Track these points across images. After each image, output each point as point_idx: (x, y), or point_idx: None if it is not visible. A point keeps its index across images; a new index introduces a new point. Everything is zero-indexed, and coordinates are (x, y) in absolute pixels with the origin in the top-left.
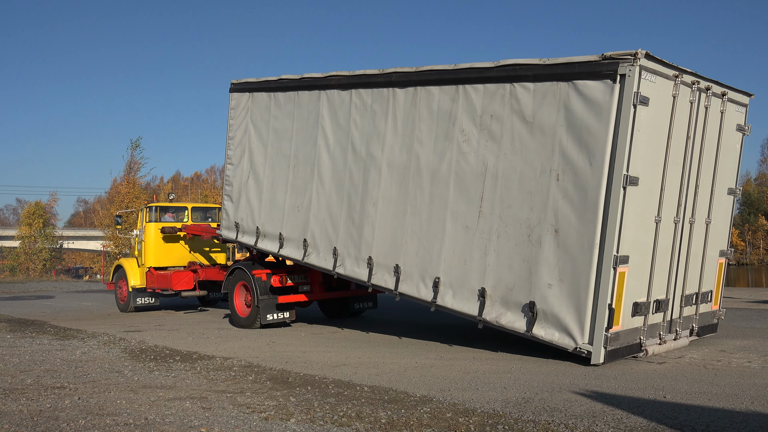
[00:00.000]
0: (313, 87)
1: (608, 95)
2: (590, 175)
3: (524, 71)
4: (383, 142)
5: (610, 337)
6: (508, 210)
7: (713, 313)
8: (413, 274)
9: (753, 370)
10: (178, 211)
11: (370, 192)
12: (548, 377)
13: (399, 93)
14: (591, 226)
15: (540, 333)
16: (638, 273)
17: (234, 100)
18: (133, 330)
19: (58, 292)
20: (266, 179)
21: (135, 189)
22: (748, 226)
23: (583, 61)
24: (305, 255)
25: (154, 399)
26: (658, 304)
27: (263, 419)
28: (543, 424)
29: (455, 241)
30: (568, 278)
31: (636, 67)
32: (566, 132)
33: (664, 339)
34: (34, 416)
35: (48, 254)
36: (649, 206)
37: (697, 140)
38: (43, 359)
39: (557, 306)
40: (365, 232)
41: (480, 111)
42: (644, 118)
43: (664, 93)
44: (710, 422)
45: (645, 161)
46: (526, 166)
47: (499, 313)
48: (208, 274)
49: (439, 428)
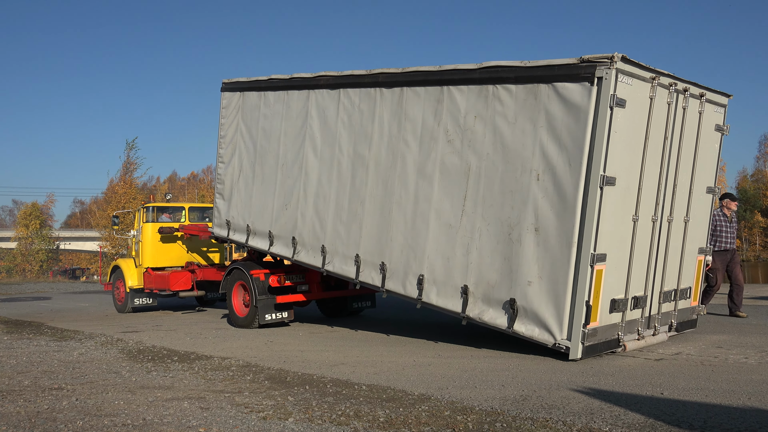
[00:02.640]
0: (302, 87)
1: (586, 97)
2: (569, 175)
3: (506, 73)
4: (370, 141)
5: (588, 333)
6: (490, 209)
7: (692, 308)
8: (399, 271)
9: (750, 366)
10: (175, 212)
11: (357, 191)
12: (546, 375)
13: (386, 93)
14: (569, 225)
15: (521, 329)
16: (616, 270)
17: (225, 99)
18: (131, 330)
19: (55, 293)
20: (256, 177)
21: (132, 189)
22: (744, 223)
23: (562, 63)
24: (294, 253)
25: (152, 399)
26: (636, 300)
27: (261, 419)
28: (541, 422)
29: (439, 239)
30: (548, 276)
31: (612, 70)
32: (546, 133)
33: (643, 334)
34: (31, 417)
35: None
36: (626, 205)
37: (675, 141)
38: (41, 360)
39: (537, 303)
40: (353, 231)
41: (464, 112)
42: (621, 119)
43: (641, 95)
44: (708, 418)
45: (622, 162)
46: (507, 165)
47: (481, 309)
48: (206, 274)
49: (437, 426)
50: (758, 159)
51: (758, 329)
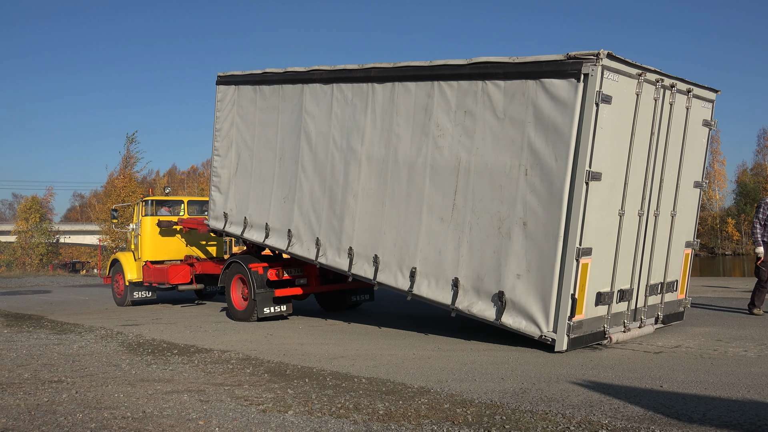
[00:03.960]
0: (296, 81)
1: (572, 93)
2: (556, 170)
3: (495, 69)
4: (363, 135)
5: (573, 325)
6: (480, 203)
7: (679, 301)
8: (391, 264)
9: (749, 359)
10: (174, 205)
11: (350, 184)
12: (545, 368)
13: (378, 88)
14: (556, 220)
15: (508, 321)
16: (602, 264)
17: (221, 92)
18: (131, 324)
19: (55, 286)
20: (254, 171)
21: (131, 183)
22: (744, 216)
23: (549, 60)
24: (289, 245)
25: (151, 392)
26: (622, 293)
27: (261, 411)
28: (540, 414)
29: (431, 233)
30: (535, 269)
31: (598, 66)
32: (534, 128)
33: (629, 327)
34: (31, 410)
35: (45, 249)
36: (612, 200)
37: (662, 136)
38: (41, 353)
39: (524, 296)
40: (346, 223)
41: (454, 107)
42: (607, 115)
43: (627, 91)
44: (707, 411)
45: (608, 157)
46: (497, 160)
47: (471, 302)
48: (205, 268)
49: (436, 419)
50: (758, 153)
51: (757, 322)
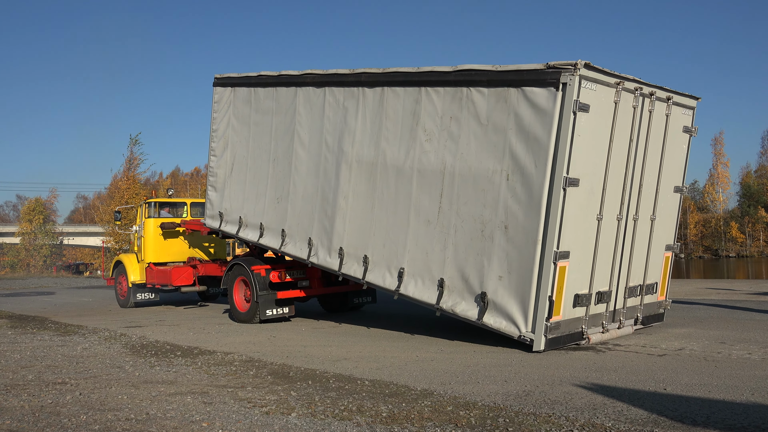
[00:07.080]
0: (290, 84)
1: (551, 102)
2: (535, 176)
3: (479, 76)
4: (353, 138)
5: (551, 326)
6: (465, 206)
7: (659, 303)
8: (380, 264)
9: (753, 361)
10: (177, 207)
11: (341, 186)
12: (549, 370)
13: (368, 92)
14: (535, 224)
15: (489, 321)
16: (580, 267)
17: (217, 94)
18: (134, 325)
19: (58, 288)
20: (249, 171)
21: (135, 185)
22: (748, 219)
23: (530, 69)
24: (282, 244)
25: (155, 394)
26: (600, 295)
27: (264, 413)
28: (544, 417)
29: (418, 235)
30: (515, 271)
31: (576, 76)
32: (516, 135)
33: (607, 328)
34: (35, 412)
35: (48, 250)
36: (590, 205)
37: (640, 143)
38: (45, 355)
39: (505, 297)
40: (337, 224)
41: (440, 112)
42: (585, 123)
43: (605, 100)
44: (711, 414)
45: (586, 164)
46: (480, 165)
47: (455, 302)
48: (208, 270)
49: (440, 421)
50: (762, 155)
51: (761, 325)
